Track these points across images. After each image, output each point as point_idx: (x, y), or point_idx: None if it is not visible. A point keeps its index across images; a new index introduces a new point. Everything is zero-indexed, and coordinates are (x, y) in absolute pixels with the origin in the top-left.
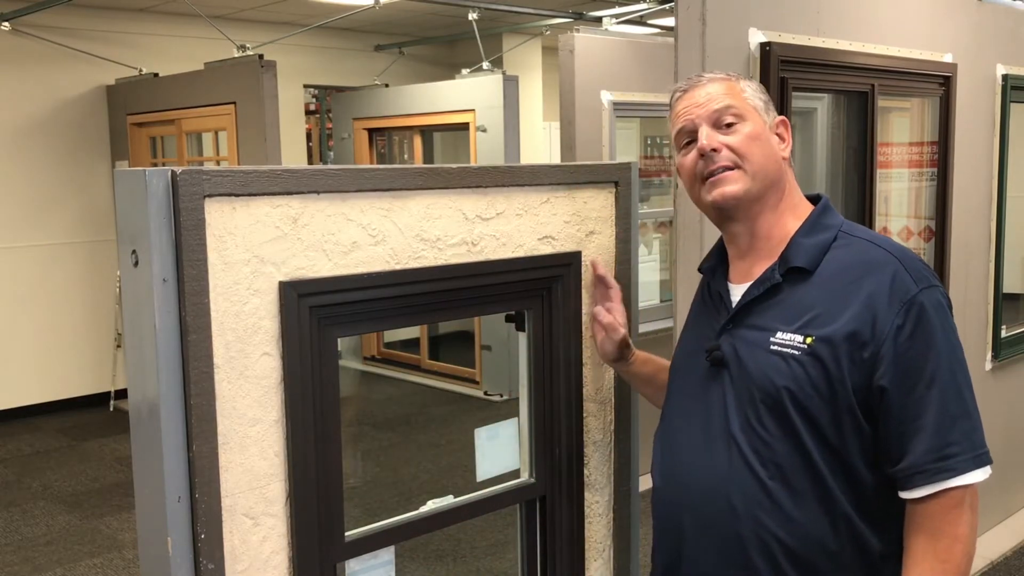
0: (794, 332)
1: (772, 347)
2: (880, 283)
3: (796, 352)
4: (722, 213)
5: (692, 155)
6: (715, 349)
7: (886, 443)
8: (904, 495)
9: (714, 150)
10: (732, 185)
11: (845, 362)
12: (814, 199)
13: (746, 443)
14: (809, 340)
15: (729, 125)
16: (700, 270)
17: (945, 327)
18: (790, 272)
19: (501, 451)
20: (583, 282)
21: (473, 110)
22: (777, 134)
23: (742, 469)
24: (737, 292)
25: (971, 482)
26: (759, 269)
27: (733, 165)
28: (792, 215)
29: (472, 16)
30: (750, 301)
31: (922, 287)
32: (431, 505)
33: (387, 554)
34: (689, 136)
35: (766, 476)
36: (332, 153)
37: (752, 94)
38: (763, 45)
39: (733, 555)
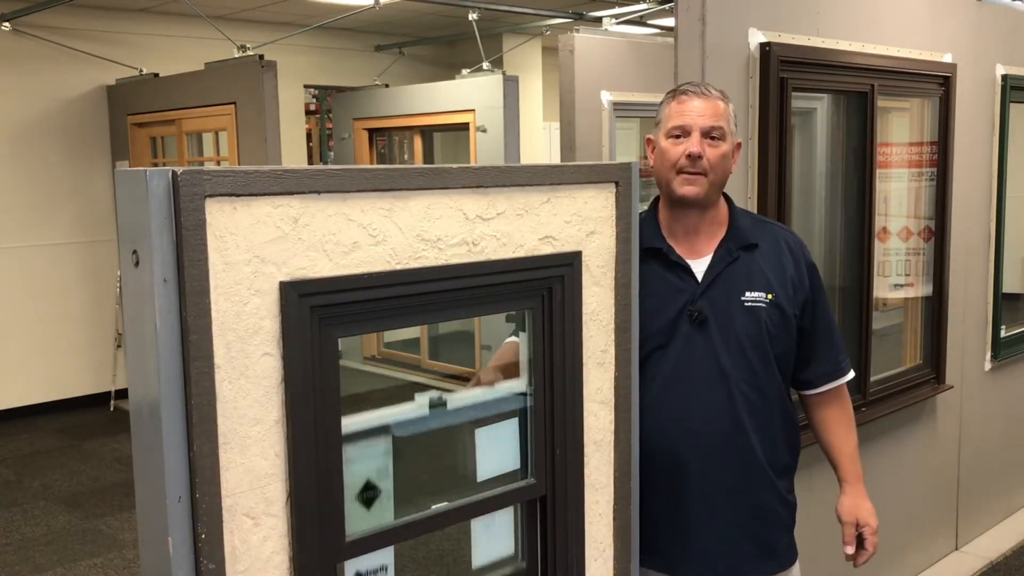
0: (759, 291)
1: (746, 304)
2: (795, 254)
3: (764, 305)
4: (683, 201)
5: (679, 148)
6: (697, 311)
7: (813, 355)
8: (830, 385)
9: (700, 156)
10: (698, 187)
11: (792, 307)
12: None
13: (738, 375)
14: (770, 296)
15: (713, 139)
16: (652, 249)
17: (821, 278)
18: (744, 248)
19: (501, 451)
20: (584, 282)
21: (473, 110)
22: (735, 143)
23: (739, 395)
24: (696, 265)
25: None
26: (706, 246)
27: (703, 172)
28: (721, 203)
29: (472, 16)
30: (719, 272)
31: (809, 254)
32: (432, 507)
33: (387, 554)
34: (681, 132)
35: (754, 395)
36: (332, 153)
37: (731, 119)
38: (763, 45)
39: (728, 449)
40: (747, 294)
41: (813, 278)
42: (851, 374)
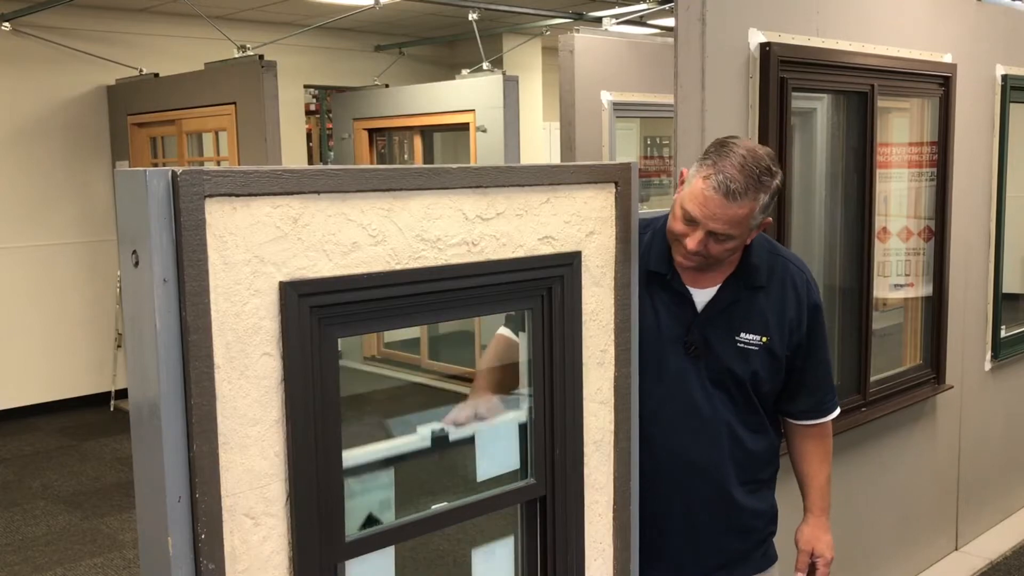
0: (754, 334)
1: (739, 344)
2: (799, 294)
3: (755, 348)
4: None
5: (685, 230)
6: (693, 344)
7: (798, 393)
8: (811, 422)
9: (695, 254)
10: (692, 264)
11: (784, 348)
12: None
13: (722, 407)
14: (764, 339)
15: (720, 239)
16: (656, 273)
17: (824, 317)
18: (750, 288)
19: (501, 451)
20: (583, 282)
21: (473, 110)
22: (758, 227)
23: (722, 425)
24: (699, 295)
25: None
26: (712, 278)
27: (703, 257)
28: None
29: (472, 16)
30: (720, 309)
31: (816, 293)
32: (432, 508)
33: (387, 554)
34: (690, 219)
35: (737, 426)
36: (332, 153)
37: (759, 212)
38: (763, 45)
39: (716, 473)
40: (742, 335)
41: (813, 320)
42: (835, 413)
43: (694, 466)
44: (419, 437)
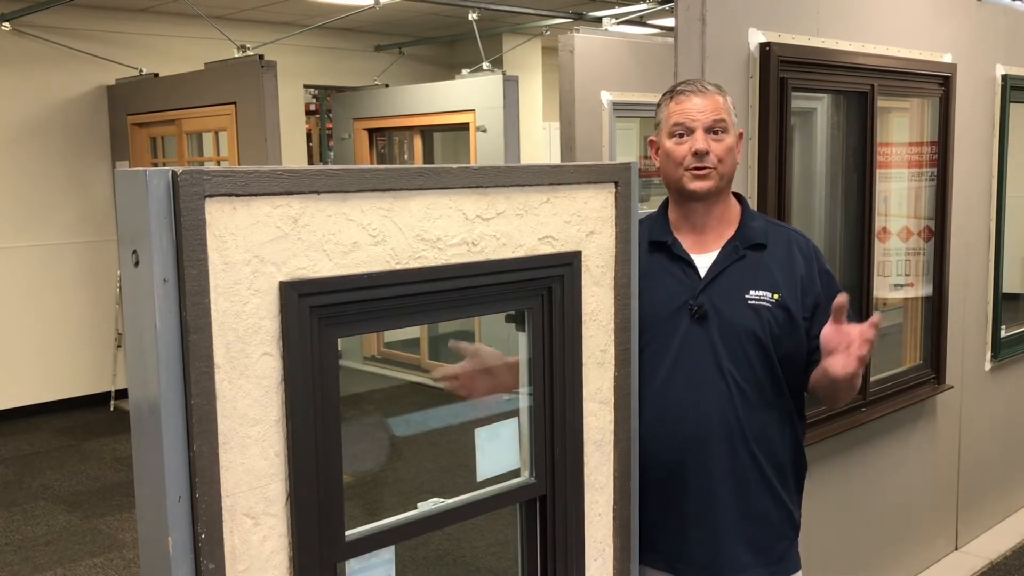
0: (764, 291)
1: (749, 302)
2: (807, 256)
3: (768, 305)
4: (694, 196)
5: (684, 147)
6: (699, 306)
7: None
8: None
9: (706, 152)
10: (709, 181)
11: (800, 308)
12: (734, 194)
13: (737, 373)
14: (777, 296)
15: (716, 133)
16: (658, 242)
17: (833, 276)
18: (751, 247)
19: (501, 450)
20: (583, 282)
21: (473, 110)
22: (738, 133)
23: (736, 392)
24: (702, 260)
25: None
26: (712, 242)
27: (712, 167)
28: (731, 202)
29: (472, 16)
30: (723, 268)
31: (825, 261)
32: (431, 504)
33: (387, 553)
34: (684, 130)
35: (752, 394)
36: (332, 153)
37: (731, 111)
38: (763, 45)
39: (725, 447)
40: (752, 292)
41: (827, 284)
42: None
43: (708, 437)
44: (419, 513)
